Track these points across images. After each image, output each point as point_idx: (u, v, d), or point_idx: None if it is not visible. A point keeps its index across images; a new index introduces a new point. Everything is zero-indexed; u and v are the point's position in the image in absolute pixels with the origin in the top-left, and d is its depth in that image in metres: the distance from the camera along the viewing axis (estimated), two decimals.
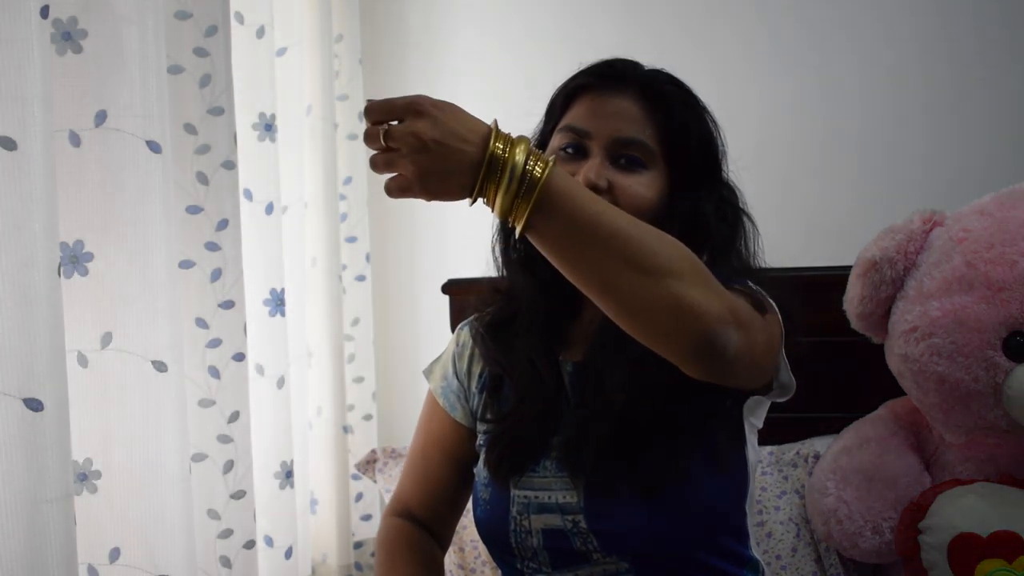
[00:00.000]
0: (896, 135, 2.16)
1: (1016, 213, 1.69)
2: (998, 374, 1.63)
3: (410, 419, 2.45)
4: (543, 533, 1.37)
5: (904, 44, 2.15)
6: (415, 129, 1.06)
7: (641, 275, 1.11)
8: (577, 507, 1.35)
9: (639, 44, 1.55)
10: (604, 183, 1.32)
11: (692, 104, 1.39)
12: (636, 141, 1.34)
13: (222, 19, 1.63)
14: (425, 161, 1.07)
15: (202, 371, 1.63)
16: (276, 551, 1.90)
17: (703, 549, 1.36)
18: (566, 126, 1.37)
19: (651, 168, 1.35)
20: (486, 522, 1.43)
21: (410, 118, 1.07)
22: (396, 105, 1.08)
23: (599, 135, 1.34)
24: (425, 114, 1.07)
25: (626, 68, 1.39)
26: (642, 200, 1.33)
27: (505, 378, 1.45)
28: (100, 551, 1.43)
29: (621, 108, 1.35)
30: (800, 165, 2.20)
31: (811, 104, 2.20)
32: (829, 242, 2.12)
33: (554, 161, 1.11)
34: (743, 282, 1.31)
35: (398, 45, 2.44)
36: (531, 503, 1.38)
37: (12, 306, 1.16)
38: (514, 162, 1.08)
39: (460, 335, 1.55)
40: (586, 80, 1.39)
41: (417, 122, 1.07)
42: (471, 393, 1.51)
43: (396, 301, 2.47)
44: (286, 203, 2.07)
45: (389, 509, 1.57)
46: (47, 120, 1.21)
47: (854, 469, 1.75)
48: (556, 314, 1.42)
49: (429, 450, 1.55)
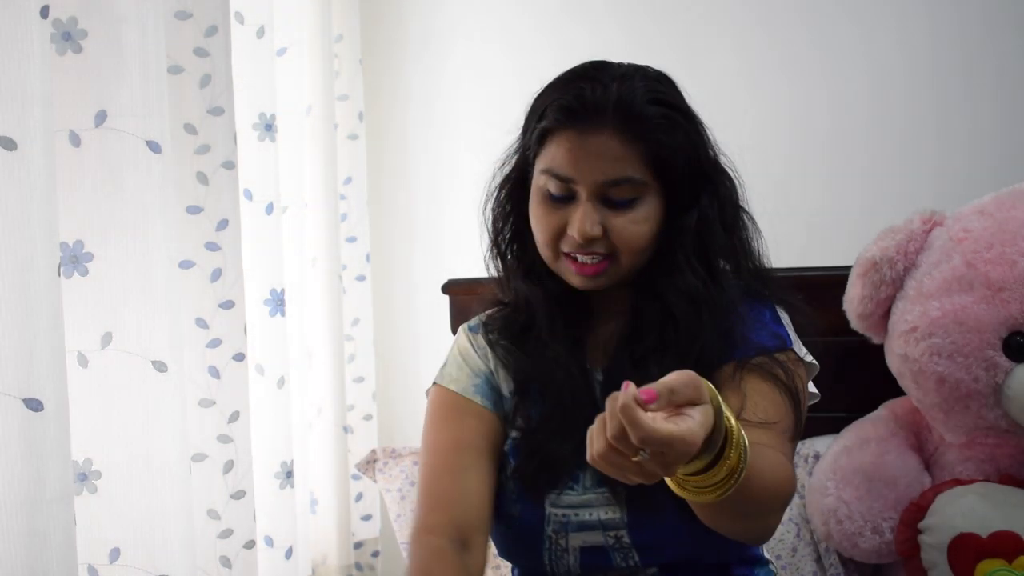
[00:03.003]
0: (896, 135, 2.16)
1: (1016, 213, 1.69)
2: (998, 374, 1.63)
3: (410, 419, 2.46)
4: (581, 551, 1.33)
5: (909, 44, 2.15)
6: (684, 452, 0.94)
7: (748, 519, 1.18)
8: (620, 522, 1.32)
9: (638, 43, 1.54)
10: (598, 230, 1.27)
11: (673, 120, 1.30)
12: (623, 179, 1.27)
13: (222, 19, 1.63)
14: (676, 465, 0.97)
15: (202, 371, 1.63)
16: (276, 551, 1.90)
17: (731, 553, 1.36)
18: (548, 170, 1.30)
19: (644, 197, 1.29)
20: (515, 540, 1.37)
21: (675, 449, 0.94)
22: (661, 438, 0.93)
23: (584, 180, 1.27)
24: (693, 445, 0.95)
25: (597, 97, 1.28)
26: (639, 235, 1.29)
27: (531, 387, 1.38)
28: (100, 551, 1.43)
29: (602, 148, 1.27)
30: (800, 165, 2.20)
31: (811, 105, 2.20)
32: (829, 242, 2.12)
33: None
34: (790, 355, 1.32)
35: (398, 45, 2.44)
36: (570, 521, 1.33)
37: (12, 306, 1.16)
38: (743, 442, 1.02)
39: (474, 338, 1.45)
40: (557, 122, 1.29)
41: (683, 449, 0.94)
42: (504, 397, 1.41)
43: (396, 301, 2.47)
44: (286, 203, 2.07)
45: (421, 529, 1.37)
46: (47, 120, 1.21)
47: (854, 469, 1.75)
48: (573, 323, 1.38)
49: (463, 455, 1.38)
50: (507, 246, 1.41)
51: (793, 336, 1.35)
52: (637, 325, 1.34)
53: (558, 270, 1.34)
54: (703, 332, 1.29)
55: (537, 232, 1.33)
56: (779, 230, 1.44)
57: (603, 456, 0.95)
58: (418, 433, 2.38)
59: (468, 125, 2.38)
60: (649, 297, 1.33)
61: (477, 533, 1.34)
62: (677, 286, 1.31)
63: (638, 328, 1.33)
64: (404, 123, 2.44)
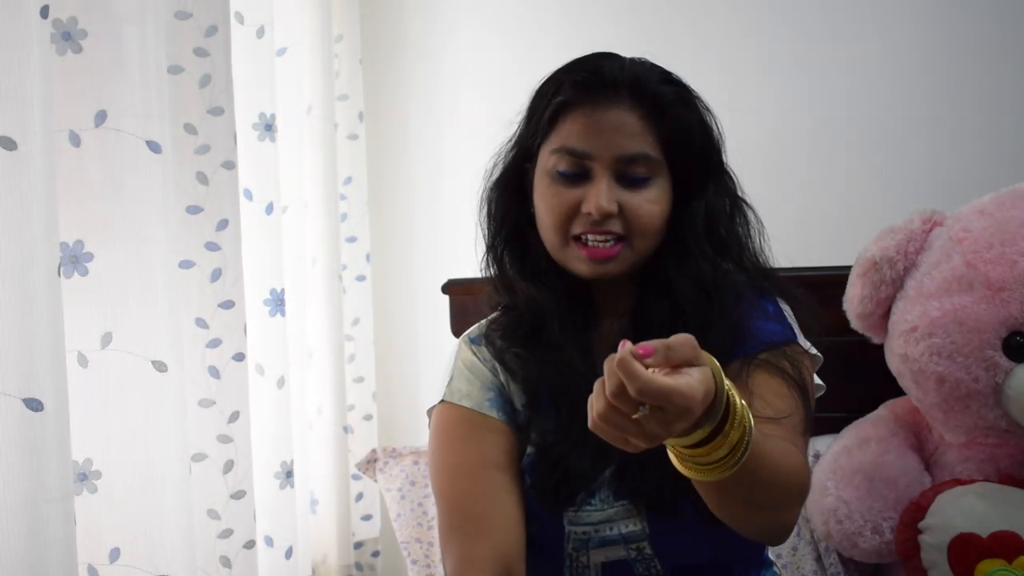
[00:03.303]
0: (896, 134, 2.16)
1: (1016, 213, 1.69)
2: (998, 374, 1.63)
3: (410, 419, 2.46)
4: (603, 567, 1.31)
5: (911, 44, 2.15)
6: (689, 407, 0.94)
7: (761, 510, 1.16)
8: (642, 534, 1.29)
9: (640, 43, 1.54)
10: (615, 207, 1.26)
11: (688, 100, 1.31)
12: (641, 155, 1.27)
13: (222, 19, 1.63)
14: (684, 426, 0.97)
15: (202, 371, 1.63)
16: (276, 551, 1.90)
17: (746, 556, 1.36)
18: (562, 147, 1.28)
19: (657, 178, 1.28)
20: (533, 560, 1.31)
21: (682, 403, 0.93)
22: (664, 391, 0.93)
23: (601, 155, 1.26)
24: (698, 402, 0.95)
25: (614, 72, 1.28)
26: (653, 216, 1.28)
27: (543, 398, 1.33)
28: (100, 551, 1.43)
29: (619, 122, 1.26)
30: (800, 164, 2.20)
31: (812, 103, 2.20)
32: (829, 242, 2.12)
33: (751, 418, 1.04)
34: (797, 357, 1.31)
35: (398, 45, 2.43)
36: (591, 538, 1.30)
37: (12, 306, 1.17)
38: (749, 427, 1.02)
39: (478, 350, 1.38)
40: (574, 95, 1.28)
41: (692, 409, 0.94)
42: (517, 411, 1.36)
43: (396, 301, 2.47)
44: (286, 203, 2.07)
45: (463, 562, 1.27)
46: (47, 120, 1.21)
47: (854, 469, 1.75)
48: (581, 324, 1.34)
49: (495, 475, 1.31)
50: (505, 248, 1.37)
51: (796, 329, 1.34)
52: (643, 323, 1.31)
53: (565, 258, 1.30)
54: (713, 322, 1.28)
55: (545, 215, 1.30)
56: (779, 229, 1.44)
57: (603, 416, 0.95)
58: (418, 433, 2.41)
59: (468, 125, 2.38)
60: (656, 293, 1.31)
61: (519, 562, 1.28)
62: (688, 273, 1.29)
63: (645, 326, 1.29)
64: (404, 123, 2.44)
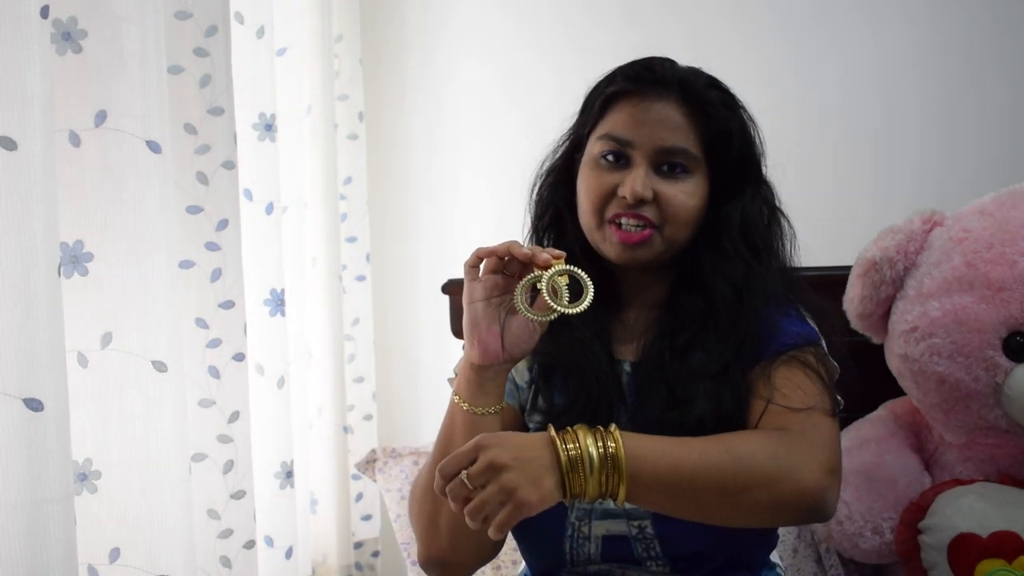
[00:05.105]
0: (896, 135, 2.16)
1: (1016, 213, 1.69)
2: (998, 374, 1.63)
3: (409, 419, 2.46)
4: (603, 540, 1.33)
5: (912, 45, 2.15)
6: (491, 457, 1.13)
7: (730, 497, 1.18)
8: (645, 512, 1.31)
9: (645, 42, 1.54)
10: (650, 193, 1.31)
11: (732, 106, 1.37)
12: (680, 149, 1.33)
13: (222, 19, 1.63)
14: (514, 477, 1.13)
15: (202, 371, 1.63)
16: (276, 551, 1.90)
17: (747, 552, 1.36)
18: (607, 134, 1.35)
19: (694, 174, 1.34)
20: (537, 528, 1.33)
21: (481, 455, 1.14)
22: (462, 452, 1.15)
23: (642, 144, 1.33)
24: (490, 446, 1.14)
25: (664, 71, 1.36)
26: (687, 208, 1.33)
27: (556, 374, 1.39)
28: (100, 551, 1.43)
29: (663, 115, 1.33)
30: (800, 165, 2.20)
31: (813, 105, 2.20)
32: (829, 242, 2.11)
33: (615, 427, 1.18)
34: (808, 349, 1.33)
35: (398, 45, 2.44)
36: (594, 508, 1.33)
37: (12, 306, 1.16)
38: (588, 451, 1.15)
39: None
40: (625, 86, 1.36)
41: (488, 452, 1.13)
42: (519, 387, 1.43)
43: (396, 301, 2.47)
44: (286, 203, 2.07)
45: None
46: (47, 120, 1.21)
47: (854, 469, 1.75)
48: (603, 310, 1.38)
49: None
50: (545, 232, 1.44)
51: (819, 334, 1.37)
52: (674, 317, 1.35)
53: (598, 240, 1.35)
54: (742, 320, 1.31)
55: (584, 197, 1.36)
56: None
57: (469, 515, 1.12)
58: (418, 433, 2.41)
59: (468, 125, 2.38)
60: (690, 289, 1.35)
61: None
62: (722, 271, 1.34)
63: (676, 320, 1.35)
64: (404, 123, 2.44)
